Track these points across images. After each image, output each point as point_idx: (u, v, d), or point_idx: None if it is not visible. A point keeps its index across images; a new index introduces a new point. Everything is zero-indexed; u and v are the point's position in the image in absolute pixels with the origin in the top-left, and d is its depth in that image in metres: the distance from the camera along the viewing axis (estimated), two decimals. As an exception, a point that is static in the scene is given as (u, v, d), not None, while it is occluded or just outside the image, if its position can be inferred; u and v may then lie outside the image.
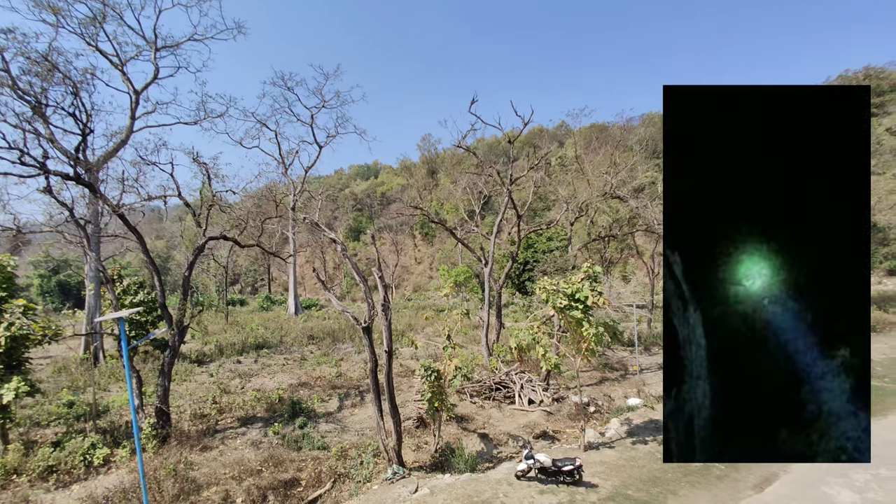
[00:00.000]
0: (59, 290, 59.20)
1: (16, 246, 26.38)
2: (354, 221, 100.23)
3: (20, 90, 16.95)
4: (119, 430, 16.97)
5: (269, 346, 31.79)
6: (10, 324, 15.06)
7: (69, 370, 25.01)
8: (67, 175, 17.21)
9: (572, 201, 41.34)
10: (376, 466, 14.26)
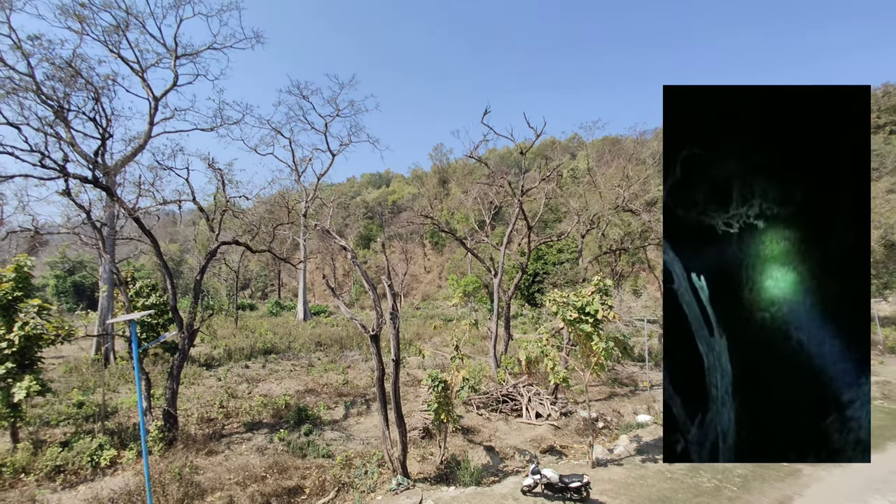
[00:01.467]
0: (73, 291, 60.12)
1: (33, 246, 26.88)
2: (365, 229, 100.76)
3: (44, 95, 17.39)
4: (126, 432, 17.05)
5: (278, 351, 31.88)
6: (25, 323, 15.29)
7: (80, 370, 25.28)
8: (86, 178, 17.54)
9: (584, 213, 41.13)
10: (381, 476, 14.13)
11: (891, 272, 39.09)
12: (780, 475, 14.08)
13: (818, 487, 13.30)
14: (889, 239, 37.45)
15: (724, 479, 13.92)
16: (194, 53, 29.89)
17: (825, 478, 13.81)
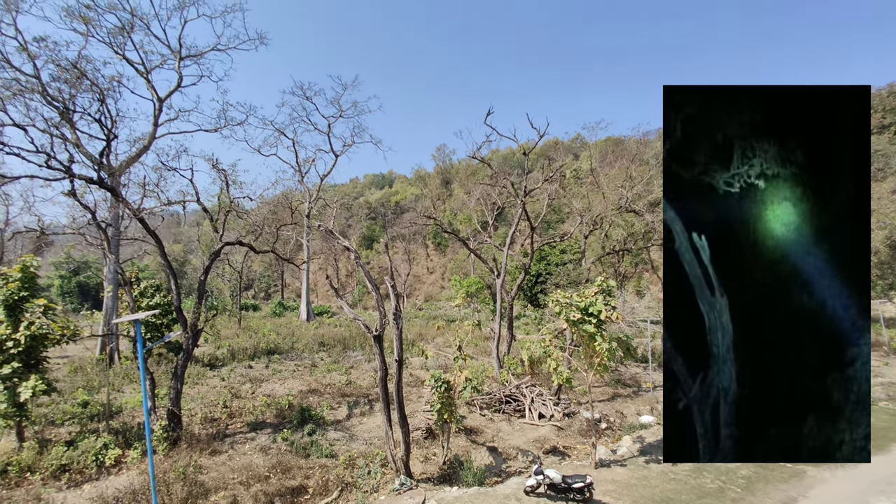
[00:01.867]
0: (78, 291, 60.42)
1: (39, 247, 27.11)
2: (368, 230, 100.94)
3: (49, 96, 17.53)
4: (131, 432, 17.14)
5: (281, 351, 31.96)
6: (31, 323, 15.38)
7: (85, 370, 25.40)
8: (91, 179, 17.67)
9: (587, 214, 41.10)
10: (384, 476, 14.17)
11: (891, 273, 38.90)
12: (783, 476, 14.04)
13: (822, 489, 13.25)
14: (894, 240, 37.26)
15: (727, 480, 13.89)
16: (198, 55, 30.07)
17: (829, 479, 13.76)
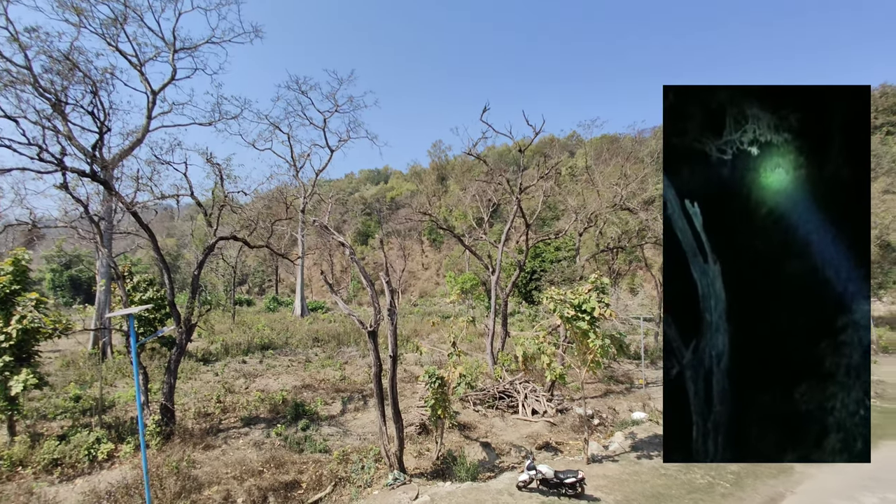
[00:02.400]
0: (70, 285, 59.93)
1: (30, 240, 26.76)
2: (363, 225, 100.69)
3: (41, 88, 17.29)
4: (124, 426, 17.08)
5: (275, 347, 31.90)
6: (23, 316, 15.28)
7: (77, 364, 25.25)
8: (84, 172, 17.50)
9: (581, 212, 41.23)
10: (377, 471, 14.24)
11: (885, 272, 39.31)
12: (772, 472, 14.23)
13: (810, 485, 13.46)
14: (884, 239, 37.65)
15: (717, 475, 14.07)
16: (193, 47, 29.73)
17: (816, 475, 13.97)
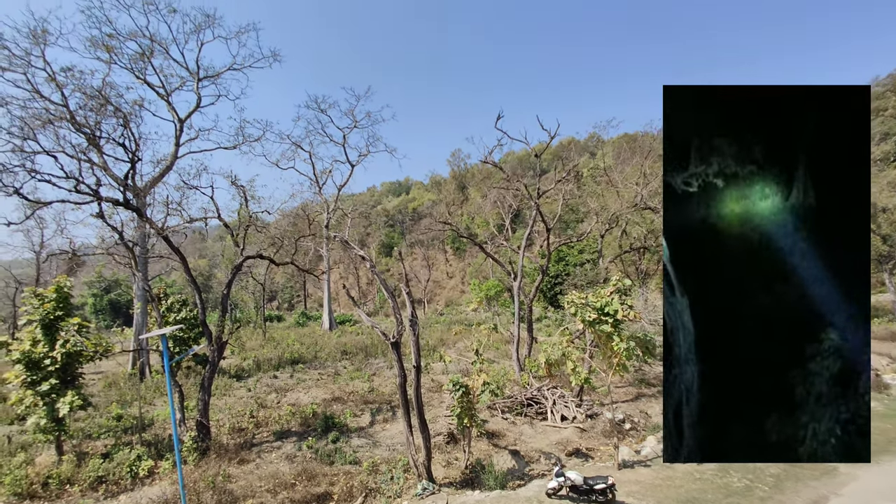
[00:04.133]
0: (110, 309, 62.51)
1: (71, 268, 28.25)
2: (387, 237, 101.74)
3: (77, 123, 18.34)
4: (163, 443, 17.72)
5: (305, 361, 32.51)
6: (66, 341, 16.09)
7: (118, 385, 26.32)
8: (118, 201, 18.41)
9: (602, 213, 40.74)
10: (406, 482, 14.33)
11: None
12: (814, 474, 13.68)
13: (855, 486, 12.88)
14: None
15: (755, 478, 13.61)
16: (215, 75, 31.02)
17: (862, 476, 13.35)
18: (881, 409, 19.18)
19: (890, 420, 17.91)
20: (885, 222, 37.27)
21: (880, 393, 21.34)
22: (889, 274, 37.57)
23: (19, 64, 18.91)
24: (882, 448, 15.20)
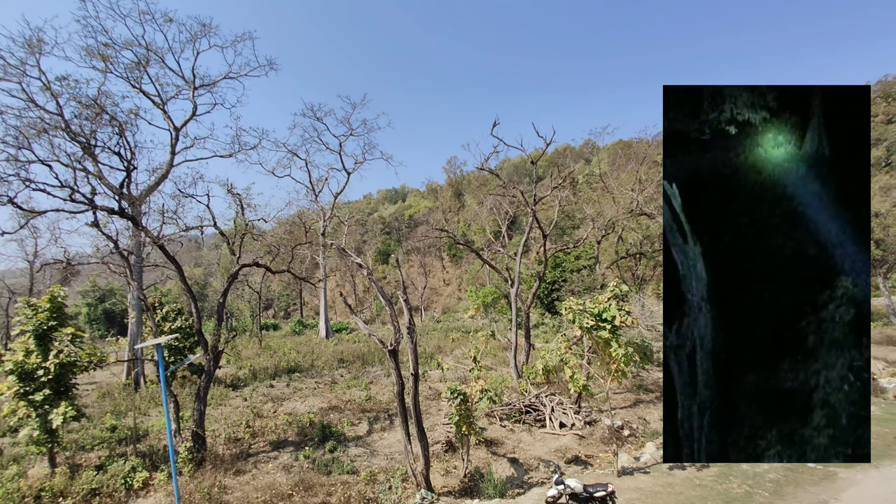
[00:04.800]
0: (105, 318, 62.02)
1: (65, 277, 28.04)
2: (383, 245, 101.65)
3: (72, 132, 18.28)
4: (158, 454, 17.49)
5: (301, 369, 32.28)
6: (60, 351, 15.91)
7: (112, 395, 26.02)
8: (113, 210, 18.31)
9: (598, 219, 40.89)
10: (405, 491, 14.20)
11: None
12: (813, 479, 13.66)
13: (854, 491, 12.86)
14: None
15: (755, 484, 13.57)
16: (211, 84, 31.01)
17: (862, 481, 13.35)
18: (878, 413, 19.21)
19: (888, 424, 17.94)
20: (877, 227, 37.65)
21: (877, 397, 21.38)
22: (883, 278, 37.85)
23: (14, 73, 18.91)
24: (881, 452, 15.21)
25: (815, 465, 14.54)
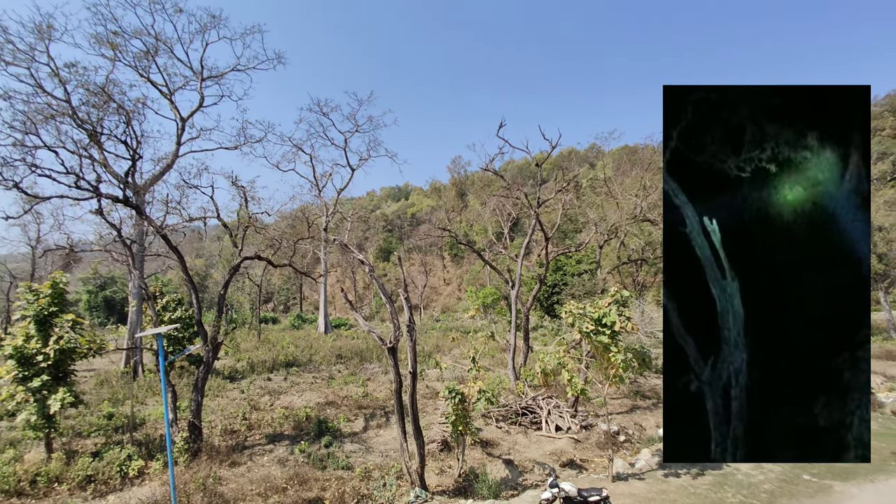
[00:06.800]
0: (105, 306, 62.14)
1: (68, 263, 28.09)
2: (385, 242, 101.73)
3: (79, 119, 18.30)
4: (154, 443, 17.53)
5: (299, 364, 32.32)
6: (60, 337, 15.95)
7: (110, 383, 26.08)
8: (117, 198, 18.35)
9: (601, 224, 40.84)
10: (399, 489, 14.21)
11: None
12: (808, 491, 13.64)
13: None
14: None
15: (749, 494, 13.55)
16: (219, 75, 31.04)
17: (857, 495, 13.31)
18: (876, 428, 19.17)
19: (885, 439, 17.90)
20: (881, 241, 37.54)
21: (875, 411, 21.34)
22: (884, 292, 37.75)
23: (23, 58, 18.90)
24: (877, 467, 15.19)
25: (811, 477, 14.51)
